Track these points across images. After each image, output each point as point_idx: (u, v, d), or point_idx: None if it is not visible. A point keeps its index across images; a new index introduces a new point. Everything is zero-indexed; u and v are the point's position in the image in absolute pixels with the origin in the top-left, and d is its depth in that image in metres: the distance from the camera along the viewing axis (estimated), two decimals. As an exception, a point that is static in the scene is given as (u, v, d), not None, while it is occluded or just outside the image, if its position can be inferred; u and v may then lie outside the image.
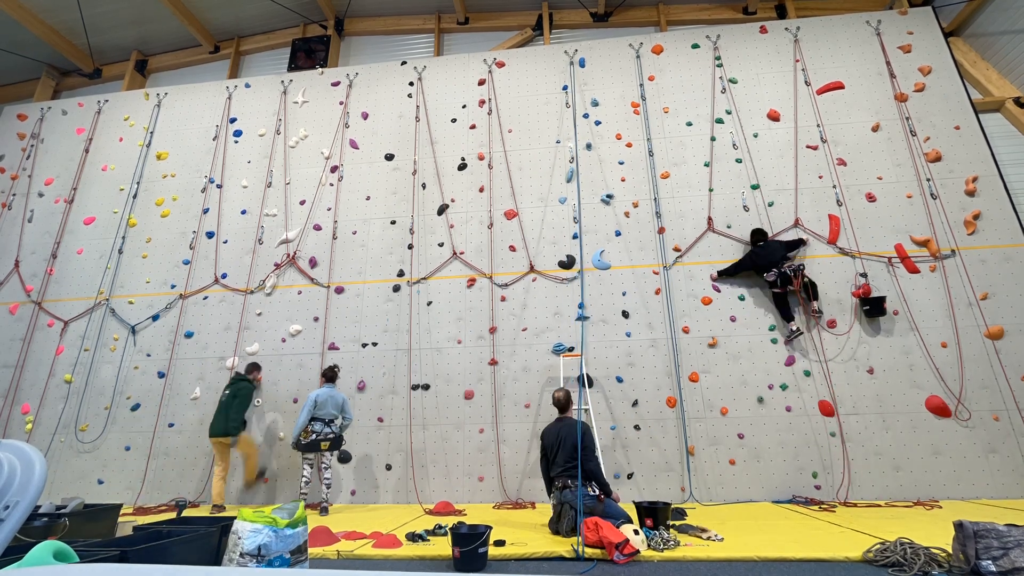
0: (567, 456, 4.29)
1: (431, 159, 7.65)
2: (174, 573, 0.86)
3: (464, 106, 7.90)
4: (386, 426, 6.49)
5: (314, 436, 5.58)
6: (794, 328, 6.11)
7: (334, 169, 7.81)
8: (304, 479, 5.61)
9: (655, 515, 4.13)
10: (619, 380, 6.31)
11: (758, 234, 6.46)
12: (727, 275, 6.50)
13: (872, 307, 6.09)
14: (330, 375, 5.94)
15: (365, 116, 8.09)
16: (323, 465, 5.68)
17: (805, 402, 5.95)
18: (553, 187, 7.28)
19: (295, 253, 7.38)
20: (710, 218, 6.83)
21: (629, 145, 7.32)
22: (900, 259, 6.36)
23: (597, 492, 4.23)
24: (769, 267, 6.21)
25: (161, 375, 7.04)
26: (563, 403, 4.71)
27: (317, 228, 7.52)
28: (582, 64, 7.87)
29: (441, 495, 6.08)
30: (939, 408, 5.76)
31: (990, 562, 2.91)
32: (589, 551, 3.66)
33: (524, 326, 6.68)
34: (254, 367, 6.55)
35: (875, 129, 6.96)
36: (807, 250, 6.52)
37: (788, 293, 6.21)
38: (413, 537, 4.11)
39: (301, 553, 3.04)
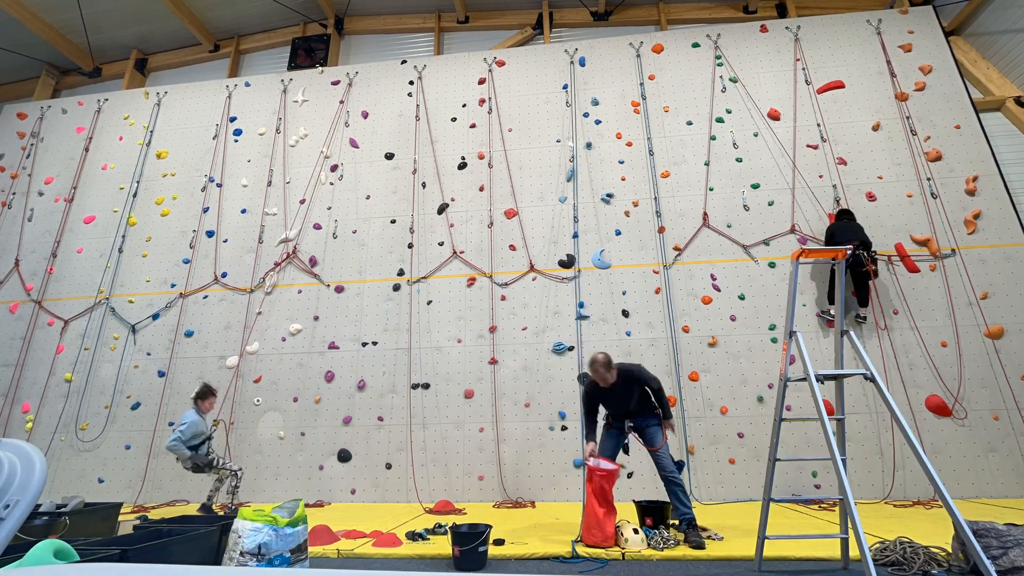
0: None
1: (431, 158, 7.65)
2: (174, 572, 0.86)
3: (464, 105, 7.89)
4: (386, 425, 6.50)
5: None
6: (863, 314, 6.13)
7: (334, 168, 7.80)
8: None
9: (655, 514, 4.13)
10: (619, 379, 6.30)
11: (844, 213, 6.36)
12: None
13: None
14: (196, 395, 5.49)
15: (365, 115, 8.08)
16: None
17: (805, 401, 5.95)
18: (553, 186, 7.28)
19: (295, 252, 7.38)
20: (705, 213, 6.83)
21: (629, 144, 7.32)
22: (900, 258, 6.36)
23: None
24: (846, 243, 6.02)
25: (161, 374, 7.05)
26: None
27: (317, 227, 7.52)
28: (582, 63, 7.86)
29: (441, 494, 6.08)
30: (939, 407, 5.77)
31: (990, 561, 2.91)
32: (589, 551, 3.67)
33: (524, 325, 6.68)
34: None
35: (875, 128, 6.95)
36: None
37: (861, 275, 6.08)
38: (413, 536, 4.11)
39: (301, 552, 3.05)
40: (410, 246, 7.23)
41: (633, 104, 7.53)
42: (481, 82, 7.99)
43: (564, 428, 6.22)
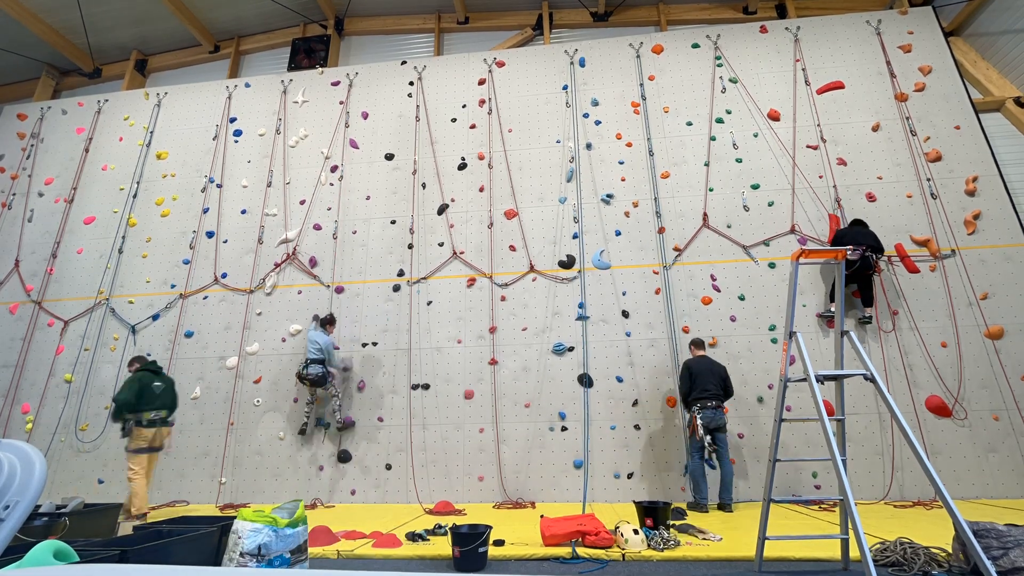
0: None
1: (431, 159, 7.65)
2: (174, 573, 0.86)
3: (464, 106, 7.89)
4: (386, 426, 6.50)
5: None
6: (868, 315, 6.13)
7: (334, 169, 7.80)
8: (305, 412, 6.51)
9: (655, 515, 4.13)
10: (619, 380, 6.31)
11: (856, 223, 6.39)
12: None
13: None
14: (321, 320, 6.71)
15: (365, 116, 8.08)
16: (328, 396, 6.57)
17: (806, 402, 5.95)
18: (553, 187, 7.28)
19: (295, 252, 7.38)
20: (705, 214, 6.83)
21: (629, 145, 7.32)
22: (900, 259, 6.36)
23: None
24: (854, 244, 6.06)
25: (161, 375, 7.04)
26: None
27: (317, 228, 7.52)
28: (582, 64, 7.87)
29: (441, 495, 6.08)
30: (939, 408, 5.76)
31: (990, 562, 2.91)
32: (589, 551, 3.66)
33: (524, 326, 6.68)
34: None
35: (875, 129, 6.96)
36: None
37: (867, 277, 6.12)
38: (413, 537, 4.11)
39: (301, 553, 3.05)
40: (410, 247, 7.23)
41: (633, 105, 7.53)
42: (481, 83, 7.99)
43: (564, 429, 6.22)
